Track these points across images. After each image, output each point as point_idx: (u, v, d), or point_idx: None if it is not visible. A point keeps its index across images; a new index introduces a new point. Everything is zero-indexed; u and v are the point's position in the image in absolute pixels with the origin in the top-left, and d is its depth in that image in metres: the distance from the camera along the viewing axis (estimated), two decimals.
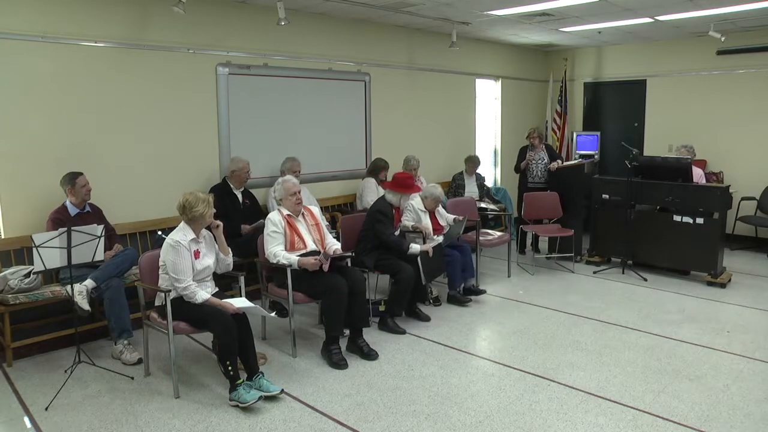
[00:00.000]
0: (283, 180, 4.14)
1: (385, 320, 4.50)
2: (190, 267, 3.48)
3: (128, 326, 3.98)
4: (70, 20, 4.39)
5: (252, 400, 3.26)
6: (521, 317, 4.82)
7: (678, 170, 5.77)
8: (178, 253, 3.44)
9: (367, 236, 4.66)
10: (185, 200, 3.52)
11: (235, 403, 3.29)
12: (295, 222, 4.07)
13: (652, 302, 5.15)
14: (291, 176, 4.30)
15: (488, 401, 3.36)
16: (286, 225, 4.02)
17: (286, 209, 4.07)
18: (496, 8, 5.77)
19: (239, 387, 3.32)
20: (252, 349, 3.53)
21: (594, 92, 8.87)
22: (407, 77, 6.98)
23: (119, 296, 3.94)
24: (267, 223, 4.05)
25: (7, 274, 3.88)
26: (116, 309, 3.92)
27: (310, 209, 4.28)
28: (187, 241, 3.49)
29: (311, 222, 4.18)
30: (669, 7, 5.73)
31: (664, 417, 3.16)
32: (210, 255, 3.67)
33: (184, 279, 3.43)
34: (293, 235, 4.02)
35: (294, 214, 4.09)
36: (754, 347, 4.13)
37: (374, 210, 4.69)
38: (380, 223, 4.59)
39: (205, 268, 3.60)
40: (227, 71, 5.30)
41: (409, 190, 4.77)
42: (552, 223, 6.47)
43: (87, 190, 4.19)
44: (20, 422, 3.20)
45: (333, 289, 3.84)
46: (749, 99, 7.28)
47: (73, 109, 4.45)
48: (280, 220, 4.03)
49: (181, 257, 3.44)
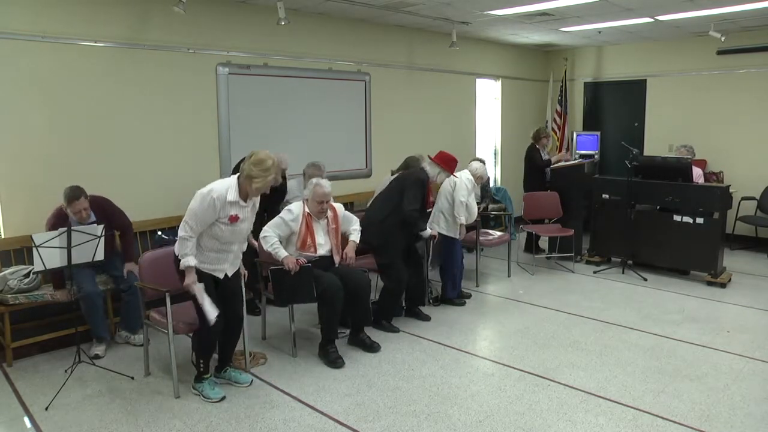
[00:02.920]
0: (316, 183, 3.96)
1: (379, 320, 4.50)
2: (205, 224, 3.13)
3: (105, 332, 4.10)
4: (70, 20, 4.39)
5: (216, 398, 3.36)
6: (521, 317, 4.82)
7: (678, 170, 5.77)
8: (205, 204, 3.06)
9: (386, 207, 4.47)
10: (262, 156, 3.09)
11: (197, 393, 3.40)
12: (313, 223, 3.98)
13: (652, 302, 5.15)
14: (326, 182, 4.02)
15: (488, 401, 3.36)
16: (304, 224, 3.93)
17: (309, 209, 3.98)
18: (496, 8, 5.76)
19: (205, 381, 3.41)
20: (234, 346, 3.62)
21: (594, 92, 8.87)
22: (407, 77, 6.98)
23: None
24: (284, 210, 3.95)
25: (6, 274, 3.89)
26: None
27: (336, 210, 4.13)
28: (226, 201, 3.10)
29: (332, 225, 4.06)
30: (669, 7, 5.73)
31: (664, 417, 3.16)
32: (249, 222, 3.33)
33: (190, 228, 3.10)
34: (307, 235, 3.93)
35: (315, 216, 4.00)
36: (754, 347, 4.13)
37: (417, 178, 4.52)
38: (417, 193, 4.43)
39: (234, 233, 3.23)
40: (227, 71, 5.30)
41: (452, 171, 4.73)
42: (552, 223, 6.48)
43: (81, 217, 3.88)
44: (20, 422, 3.20)
45: (330, 292, 3.82)
46: (749, 99, 7.28)
47: (73, 109, 4.45)
48: (299, 214, 3.93)
49: (205, 212, 3.08)
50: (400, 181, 4.60)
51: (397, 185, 4.58)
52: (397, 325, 4.55)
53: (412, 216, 4.42)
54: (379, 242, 4.44)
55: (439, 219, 4.98)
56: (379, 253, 4.49)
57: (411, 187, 4.46)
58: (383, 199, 4.60)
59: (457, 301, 5.10)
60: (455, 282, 5.11)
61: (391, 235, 4.44)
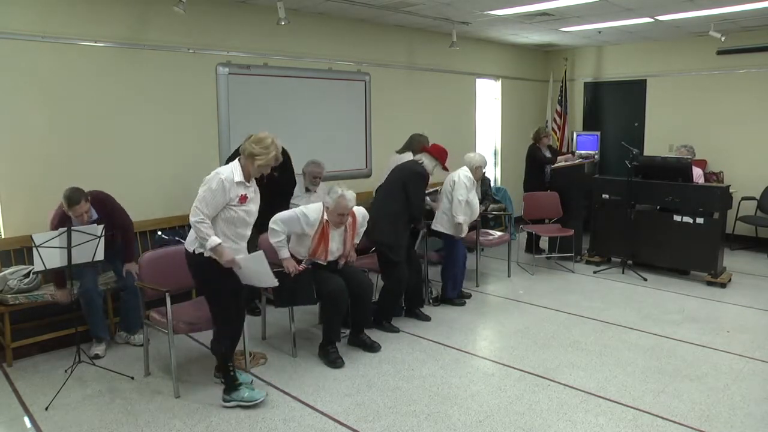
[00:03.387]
0: (341, 195, 3.77)
1: (379, 320, 4.50)
2: (216, 208, 3.13)
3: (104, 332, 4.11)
4: (70, 20, 4.39)
5: (261, 398, 3.31)
6: (521, 317, 4.82)
7: (678, 170, 5.77)
8: (215, 186, 3.09)
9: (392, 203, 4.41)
10: (261, 135, 3.19)
11: (236, 404, 3.30)
12: (330, 231, 3.86)
13: (652, 302, 5.15)
14: (351, 194, 3.82)
15: (488, 401, 3.36)
16: (320, 232, 3.82)
17: (329, 218, 3.84)
18: (496, 8, 5.76)
19: (240, 387, 3.33)
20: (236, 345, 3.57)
21: (594, 92, 8.87)
22: (407, 77, 6.97)
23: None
24: (302, 209, 3.82)
25: (6, 274, 3.89)
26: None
27: (356, 217, 4.02)
28: (233, 182, 3.14)
29: (349, 232, 3.96)
30: (669, 7, 5.73)
31: (664, 417, 3.16)
32: (255, 203, 3.33)
33: (202, 211, 3.09)
34: (320, 244, 3.83)
35: (334, 226, 3.88)
36: (754, 347, 4.13)
37: (416, 172, 4.45)
38: (420, 187, 4.43)
39: (248, 213, 3.26)
40: (227, 71, 5.30)
41: (444, 162, 4.62)
42: (552, 223, 6.48)
43: (82, 219, 3.81)
44: (20, 422, 3.20)
45: (333, 294, 3.82)
46: (749, 99, 7.28)
47: (73, 109, 4.45)
48: (316, 219, 3.79)
49: (215, 194, 3.09)
50: (399, 174, 4.51)
51: (396, 179, 4.49)
52: (397, 325, 4.55)
53: (422, 210, 4.41)
54: (390, 240, 4.36)
55: (442, 218, 4.97)
56: (393, 252, 4.37)
57: (413, 182, 4.42)
58: (386, 195, 4.53)
59: (457, 301, 5.10)
60: (456, 282, 5.10)
61: (400, 233, 4.40)
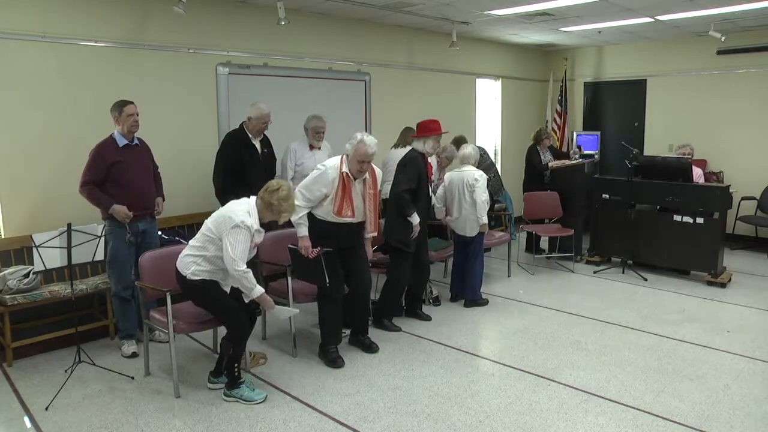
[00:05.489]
0: (360, 139, 3.55)
1: (380, 319, 4.50)
2: (247, 254, 3.20)
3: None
4: (70, 20, 4.39)
5: (260, 399, 3.33)
6: (521, 317, 4.82)
7: (678, 170, 5.77)
8: (245, 237, 3.14)
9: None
10: (283, 187, 3.22)
11: (236, 400, 3.33)
12: (351, 185, 3.62)
13: (652, 302, 5.15)
14: (371, 140, 3.59)
15: (488, 401, 3.36)
16: (340, 186, 3.58)
17: (349, 168, 3.62)
18: (496, 8, 5.77)
19: (242, 385, 3.36)
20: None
21: (594, 92, 8.87)
22: (407, 77, 6.98)
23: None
24: (318, 170, 3.63)
25: (6, 274, 3.89)
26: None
27: (376, 173, 3.82)
28: (254, 229, 3.22)
29: (369, 189, 3.74)
30: (669, 7, 5.73)
31: (664, 417, 3.16)
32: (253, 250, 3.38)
33: (243, 262, 3.15)
34: (344, 200, 3.57)
35: (354, 176, 3.64)
36: (754, 347, 4.13)
37: (402, 162, 4.31)
38: (409, 173, 4.22)
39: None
40: (227, 71, 5.30)
41: (439, 131, 4.38)
42: (552, 223, 6.48)
43: (134, 120, 3.92)
44: (20, 422, 3.20)
45: (333, 297, 3.82)
46: (749, 99, 7.28)
47: (73, 109, 4.45)
48: (335, 178, 3.56)
49: (244, 241, 3.15)
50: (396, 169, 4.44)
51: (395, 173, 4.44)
52: (398, 324, 4.55)
53: (403, 198, 4.18)
54: (404, 237, 4.29)
55: (471, 224, 4.89)
56: (407, 245, 4.31)
57: (401, 169, 4.31)
58: (392, 191, 4.44)
59: (481, 301, 5.10)
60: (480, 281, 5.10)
61: (408, 225, 4.28)
